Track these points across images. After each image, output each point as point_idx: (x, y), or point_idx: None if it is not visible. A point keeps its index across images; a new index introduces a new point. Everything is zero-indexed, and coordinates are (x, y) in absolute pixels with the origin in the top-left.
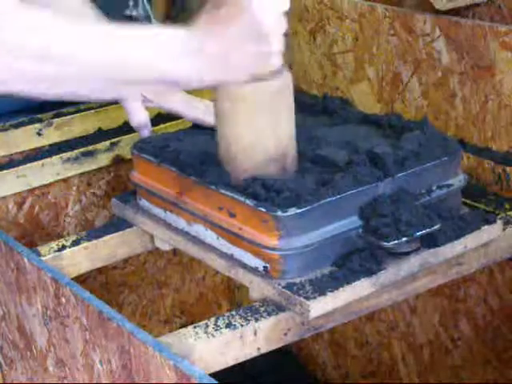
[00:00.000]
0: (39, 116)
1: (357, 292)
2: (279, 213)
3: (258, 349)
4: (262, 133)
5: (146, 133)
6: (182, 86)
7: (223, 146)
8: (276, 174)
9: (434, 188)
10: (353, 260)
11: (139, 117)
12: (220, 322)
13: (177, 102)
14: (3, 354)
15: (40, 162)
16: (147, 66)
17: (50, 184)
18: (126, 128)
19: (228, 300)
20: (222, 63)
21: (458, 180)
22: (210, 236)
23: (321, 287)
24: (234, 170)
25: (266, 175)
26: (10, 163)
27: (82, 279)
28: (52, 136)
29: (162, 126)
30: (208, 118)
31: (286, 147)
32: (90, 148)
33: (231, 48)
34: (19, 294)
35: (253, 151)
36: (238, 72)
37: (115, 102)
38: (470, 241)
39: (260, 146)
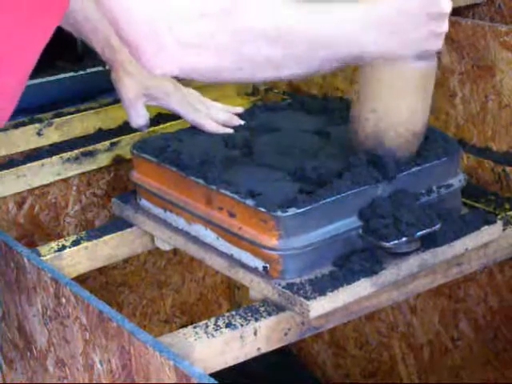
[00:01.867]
0: (39, 116)
1: (357, 292)
2: (279, 213)
3: (258, 349)
4: (415, 111)
5: (144, 129)
6: (364, 60)
7: (370, 121)
8: (413, 152)
9: (434, 188)
10: (353, 260)
11: (140, 119)
12: (220, 322)
13: (179, 104)
14: (3, 354)
15: (40, 162)
16: (347, 43)
17: (50, 184)
18: (126, 128)
19: (228, 300)
20: (401, 39)
21: (458, 180)
22: (209, 236)
23: (321, 287)
24: (379, 144)
25: (407, 152)
26: (9, 163)
27: (82, 279)
28: (52, 136)
29: (161, 126)
30: (207, 123)
31: (426, 127)
32: (90, 148)
33: (412, 24)
34: (19, 294)
35: (404, 128)
36: (412, 47)
37: (115, 102)
38: (470, 241)
39: (411, 123)
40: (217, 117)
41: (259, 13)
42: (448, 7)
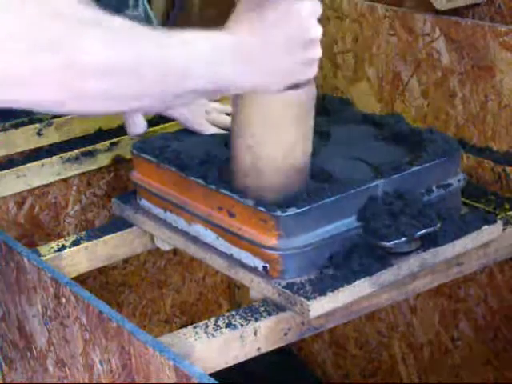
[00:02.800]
0: (39, 116)
1: (357, 292)
2: (278, 213)
3: (258, 349)
4: (294, 144)
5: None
6: (232, 92)
7: (247, 158)
8: (299, 186)
9: (434, 188)
10: (353, 260)
11: (138, 128)
12: (220, 322)
13: (176, 111)
14: (3, 354)
15: (40, 162)
16: (207, 75)
17: (50, 184)
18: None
19: (228, 300)
20: (266, 70)
21: (458, 180)
22: (209, 236)
23: (321, 287)
24: (258, 181)
25: (290, 187)
26: (9, 163)
27: (82, 279)
28: (52, 136)
29: (161, 126)
30: (206, 129)
31: (309, 159)
32: (90, 148)
33: (279, 55)
34: (19, 294)
35: (283, 163)
36: (281, 79)
37: None
38: (470, 241)
39: (290, 157)
40: (217, 121)
41: (90, 46)
42: (317, 32)
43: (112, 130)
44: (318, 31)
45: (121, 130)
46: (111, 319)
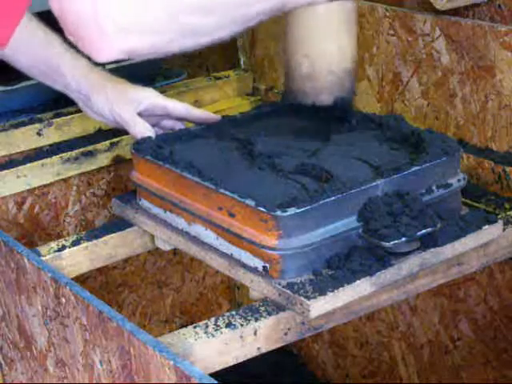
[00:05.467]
0: (39, 116)
1: (357, 292)
2: (278, 213)
3: (258, 349)
4: (345, 49)
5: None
6: (286, 9)
7: (305, 65)
8: (349, 91)
9: (434, 188)
10: (353, 260)
11: (147, 131)
12: (220, 322)
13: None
14: (3, 354)
15: (40, 162)
16: None
17: (50, 184)
18: None
19: (228, 300)
20: None
21: (458, 180)
22: (209, 236)
23: (321, 287)
24: (316, 85)
25: (342, 89)
26: (10, 163)
27: (82, 279)
28: (52, 136)
29: None
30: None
31: (355, 63)
32: (90, 148)
33: None
34: (19, 294)
35: (337, 66)
36: None
37: None
38: (470, 241)
39: (343, 61)
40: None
41: None
42: None
43: (112, 130)
44: None
45: (121, 130)
46: (111, 319)
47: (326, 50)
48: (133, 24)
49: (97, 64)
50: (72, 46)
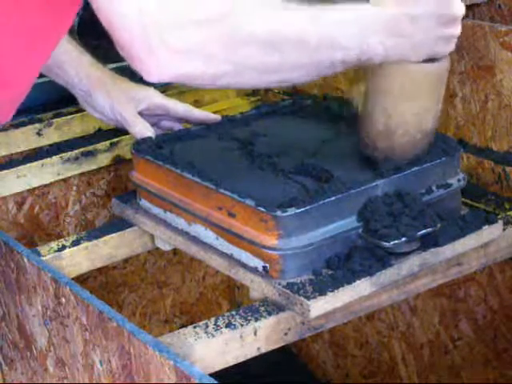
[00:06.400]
0: (39, 116)
1: (357, 292)
2: (278, 213)
3: (258, 349)
4: (426, 111)
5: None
6: (371, 63)
7: (381, 120)
8: (424, 150)
9: (434, 188)
10: (353, 260)
11: (148, 130)
12: (220, 322)
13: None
14: (3, 354)
15: (40, 162)
16: (357, 46)
17: (50, 184)
18: None
19: (228, 300)
20: (410, 43)
21: (458, 180)
22: (209, 236)
23: (321, 287)
24: (389, 143)
25: (417, 151)
26: (10, 163)
27: (82, 279)
28: (52, 136)
29: None
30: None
31: (436, 126)
32: (90, 148)
33: (422, 29)
34: (19, 294)
35: (414, 127)
36: (422, 52)
37: None
38: (470, 241)
39: (422, 123)
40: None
41: (257, 19)
42: (461, 11)
43: (112, 130)
44: (461, 8)
45: (121, 130)
46: (111, 319)
47: (406, 111)
48: (185, 46)
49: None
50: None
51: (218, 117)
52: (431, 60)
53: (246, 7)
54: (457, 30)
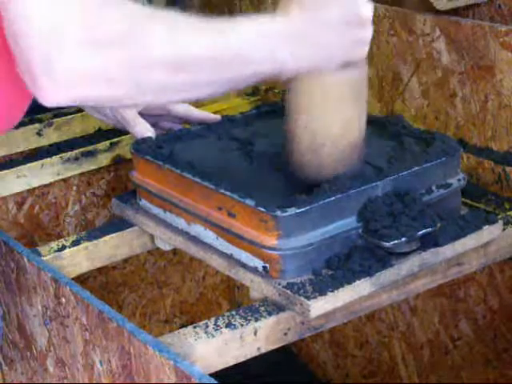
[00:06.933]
0: (39, 116)
1: (357, 292)
2: (278, 213)
3: (258, 349)
4: (350, 121)
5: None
6: (284, 75)
7: (305, 137)
8: (355, 163)
9: (434, 188)
10: (353, 260)
11: (148, 131)
12: (220, 322)
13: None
14: (3, 354)
15: (40, 162)
16: (265, 60)
17: (50, 184)
18: None
19: (228, 300)
20: (323, 50)
21: (458, 180)
22: (209, 236)
23: (321, 287)
24: (317, 159)
25: (347, 164)
26: (10, 163)
27: (82, 279)
28: (52, 136)
29: None
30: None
31: (364, 136)
32: (90, 148)
33: (333, 33)
34: (19, 294)
35: (341, 140)
36: (335, 58)
37: None
38: (470, 241)
39: (347, 134)
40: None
41: (158, 41)
42: (368, 12)
43: (112, 130)
44: (369, 10)
45: (121, 130)
46: (111, 319)
47: (328, 123)
48: (85, 69)
49: None
50: None
51: (217, 117)
52: (347, 67)
53: (145, 28)
54: (368, 31)
